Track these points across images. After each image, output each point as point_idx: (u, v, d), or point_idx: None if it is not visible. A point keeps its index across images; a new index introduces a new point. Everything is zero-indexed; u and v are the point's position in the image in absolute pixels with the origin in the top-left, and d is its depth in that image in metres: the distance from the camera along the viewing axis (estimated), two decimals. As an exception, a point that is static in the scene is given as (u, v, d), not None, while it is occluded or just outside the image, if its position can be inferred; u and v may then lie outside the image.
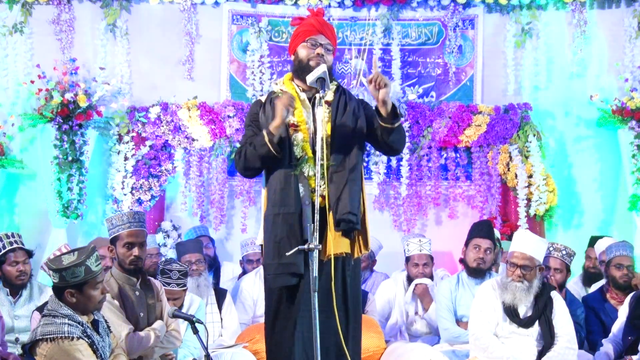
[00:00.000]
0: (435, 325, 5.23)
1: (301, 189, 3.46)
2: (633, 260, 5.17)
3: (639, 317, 4.56)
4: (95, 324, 3.56)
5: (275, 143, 3.41)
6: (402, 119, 3.58)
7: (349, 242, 3.49)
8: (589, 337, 5.08)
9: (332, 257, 3.39)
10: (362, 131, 3.55)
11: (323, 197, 3.44)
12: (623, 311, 4.73)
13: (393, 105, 3.43)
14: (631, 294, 4.77)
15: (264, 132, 3.43)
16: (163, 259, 5.23)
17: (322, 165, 3.37)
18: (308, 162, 3.49)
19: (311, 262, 3.20)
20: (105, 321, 3.68)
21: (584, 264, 5.95)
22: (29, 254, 4.93)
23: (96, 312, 3.62)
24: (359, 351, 3.63)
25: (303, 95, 3.59)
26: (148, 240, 5.02)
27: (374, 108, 3.54)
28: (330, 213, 3.43)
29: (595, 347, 4.84)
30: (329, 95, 3.54)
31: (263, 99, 3.68)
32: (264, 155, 3.45)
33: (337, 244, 3.44)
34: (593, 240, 5.87)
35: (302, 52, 3.58)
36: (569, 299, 4.97)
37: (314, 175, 3.42)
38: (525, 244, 4.39)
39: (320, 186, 3.39)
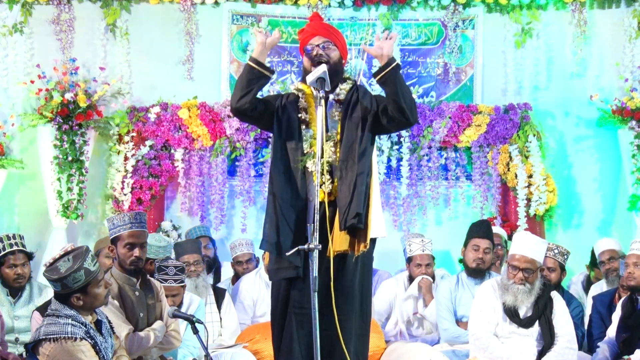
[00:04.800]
0: (434, 324, 5.24)
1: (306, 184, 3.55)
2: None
3: (630, 317, 4.56)
4: (98, 325, 3.57)
5: (257, 60, 3.62)
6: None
7: (349, 239, 3.51)
8: (591, 339, 5.06)
9: (332, 255, 3.40)
10: (371, 122, 3.58)
11: (327, 193, 3.51)
12: (616, 315, 4.71)
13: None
14: (622, 298, 4.76)
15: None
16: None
17: (324, 162, 3.47)
18: (313, 158, 3.55)
19: (311, 262, 3.20)
20: (109, 322, 3.69)
21: (591, 273, 5.88)
22: (29, 256, 4.91)
23: (100, 313, 3.63)
24: (365, 350, 3.63)
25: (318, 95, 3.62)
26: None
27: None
28: (337, 213, 3.49)
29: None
30: (343, 95, 3.65)
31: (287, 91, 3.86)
32: (250, 77, 3.62)
33: (340, 241, 3.46)
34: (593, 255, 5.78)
35: (305, 61, 3.76)
36: (566, 298, 4.96)
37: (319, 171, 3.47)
38: (526, 246, 4.37)
39: (324, 182, 3.48)
